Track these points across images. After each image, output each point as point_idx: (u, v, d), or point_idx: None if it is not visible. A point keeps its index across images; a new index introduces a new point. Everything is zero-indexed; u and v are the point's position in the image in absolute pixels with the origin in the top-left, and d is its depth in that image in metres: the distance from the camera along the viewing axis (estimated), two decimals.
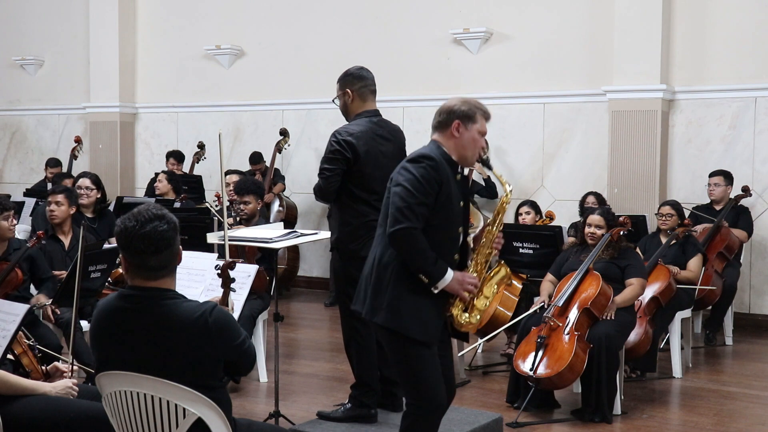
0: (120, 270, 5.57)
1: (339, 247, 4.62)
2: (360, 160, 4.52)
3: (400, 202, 3.39)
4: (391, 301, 3.44)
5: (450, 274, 3.43)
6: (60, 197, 5.89)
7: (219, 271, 3.48)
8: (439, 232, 3.46)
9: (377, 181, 4.46)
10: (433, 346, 3.49)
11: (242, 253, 6.07)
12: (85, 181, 6.70)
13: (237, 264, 3.79)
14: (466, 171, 4.01)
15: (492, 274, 3.63)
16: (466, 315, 3.53)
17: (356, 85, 4.66)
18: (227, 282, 3.47)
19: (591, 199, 7.45)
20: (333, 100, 4.83)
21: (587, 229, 5.63)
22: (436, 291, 3.43)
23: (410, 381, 3.51)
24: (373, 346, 4.61)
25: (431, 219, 3.43)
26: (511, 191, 3.72)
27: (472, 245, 3.65)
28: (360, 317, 3.64)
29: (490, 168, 3.76)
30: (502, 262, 3.72)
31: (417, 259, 3.39)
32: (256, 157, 9.45)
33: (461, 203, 3.58)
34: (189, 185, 9.08)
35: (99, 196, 6.75)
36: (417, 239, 3.37)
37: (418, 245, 3.38)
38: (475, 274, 3.56)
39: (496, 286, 3.62)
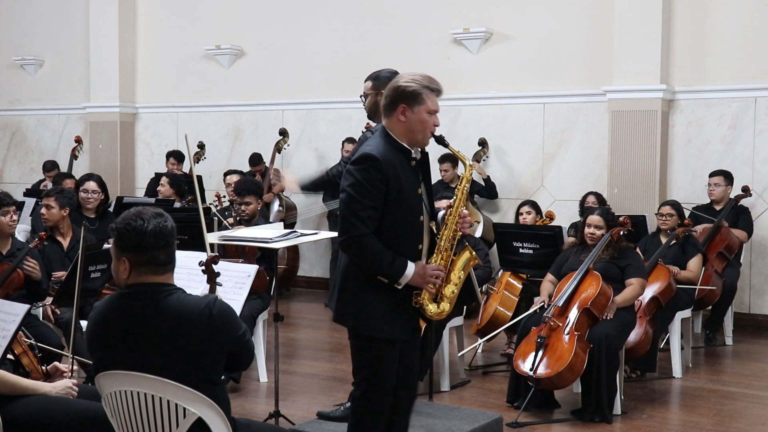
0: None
1: None
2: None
3: (345, 210, 3.35)
4: (356, 306, 3.44)
5: (410, 269, 3.37)
6: (51, 200, 5.85)
7: (203, 267, 3.48)
8: (398, 226, 3.40)
9: None
10: (397, 344, 3.48)
11: (242, 253, 6.06)
12: (92, 185, 6.71)
13: (234, 263, 3.79)
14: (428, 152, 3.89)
15: (457, 258, 3.55)
16: (435, 305, 3.49)
17: None
18: (212, 277, 3.48)
19: (591, 198, 7.45)
20: (360, 97, 4.84)
21: (587, 230, 5.63)
22: (399, 287, 3.40)
23: (364, 377, 3.51)
24: None
25: (387, 216, 3.37)
26: (471, 166, 3.64)
27: (435, 231, 3.56)
28: None
29: (445, 145, 3.60)
30: (467, 244, 3.64)
31: (371, 263, 3.36)
32: (255, 159, 9.45)
33: (419, 190, 3.48)
34: (189, 185, 9.07)
35: (103, 197, 6.77)
36: (367, 245, 3.33)
37: (369, 250, 3.34)
38: (441, 262, 3.49)
39: (462, 272, 3.55)
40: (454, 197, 3.57)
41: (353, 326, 3.50)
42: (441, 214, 3.61)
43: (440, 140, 3.58)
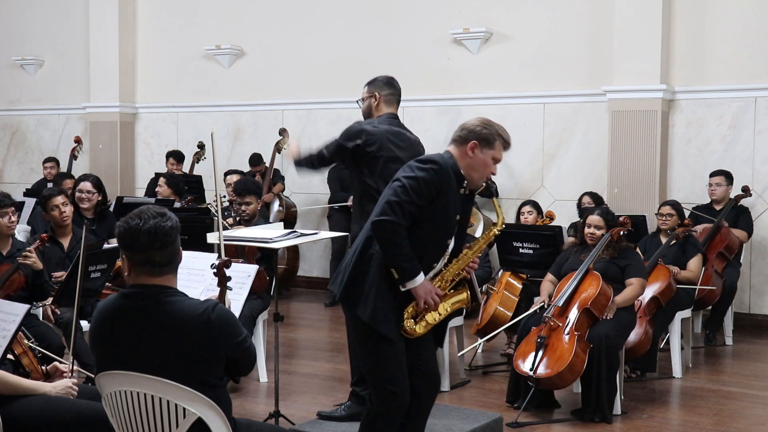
0: (119, 262, 5.57)
1: None
2: (374, 153, 4.58)
3: (392, 196, 3.45)
4: (368, 294, 3.48)
5: (421, 276, 3.48)
6: (64, 198, 5.91)
7: (215, 270, 3.49)
8: (427, 237, 3.51)
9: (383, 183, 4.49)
10: (396, 341, 3.51)
11: (242, 253, 6.06)
12: (87, 185, 6.71)
13: (234, 263, 3.79)
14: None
15: (453, 294, 3.65)
16: (412, 322, 3.55)
17: (385, 91, 4.84)
18: (223, 280, 3.48)
19: (586, 199, 7.46)
20: (357, 102, 4.98)
21: (586, 230, 5.63)
22: (403, 289, 3.47)
23: (375, 375, 3.55)
24: None
25: (423, 222, 3.47)
26: (504, 223, 3.75)
27: (446, 260, 3.66)
28: None
29: (491, 196, 3.80)
30: (466, 286, 3.72)
31: (393, 252, 3.44)
32: (255, 159, 9.45)
33: (458, 217, 3.60)
34: (189, 185, 9.08)
35: (100, 198, 6.76)
36: (398, 234, 3.42)
37: (397, 239, 3.42)
38: (439, 289, 3.58)
39: (450, 307, 3.63)
40: (476, 241, 3.71)
41: (364, 315, 3.49)
42: None
43: (489, 188, 3.74)
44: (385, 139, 4.64)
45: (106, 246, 5.57)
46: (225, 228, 6.35)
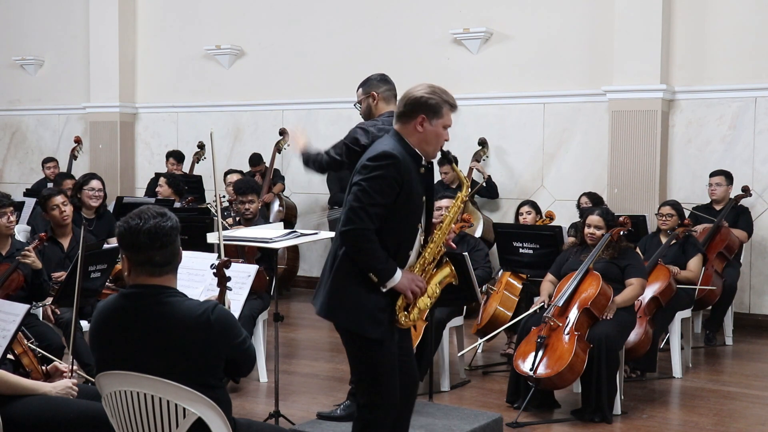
0: (119, 265, 5.58)
1: None
2: None
3: (355, 202, 3.37)
4: (347, 301, 3.45)
5: (399, 273, 3.41)
6: (64, 198, 5.92)
7: (215, 270, 3.48)
8: (398, 229, 3.44)
9: None
10: (388, 342, 3.48)
11: (242, 253, 6.06)
12: (97, 184, 6.78)
13: (234, 263, 3.79)
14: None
15: (436, 272, 3.59)
16: (405, 314, 3.52)
17: (381, 89, 4.77)
18: (223, 281, 3.48)
19: (584, 199, 7.45)
20: (355, 105, 4.91)
21: (586, 230, 5.62)
22: (384, 290, 3.43)
23: (367, 379, 3.52)
24: None
25: (392, 216, 3.40)
26: (468, 190, 3.68)
27: (422, 240, 3.60)
28: None
29: (450, 162, 3.67)
30: (447, 260, 3.66)
31: (367, 258, 3.38)
32: (255, 159, 9.45)
33: (423, 198, 3.53)
34: (189, 185, 9.08)
35: (103, 196, 6.82)
36: (368, 239, 3.35)
37: (369, 245, 3.36)
38: (421, 273, 3.53)
39: (438, 286, 3.59)
40: (446, 216, 3.62)
41: (344, 321, 3.49)
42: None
43: (446, 156, 3.62)
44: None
45: (106, 246, 5.57)
46: (225, 228, 6.35)
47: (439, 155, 3.58)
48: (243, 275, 5.14)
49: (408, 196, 3.41)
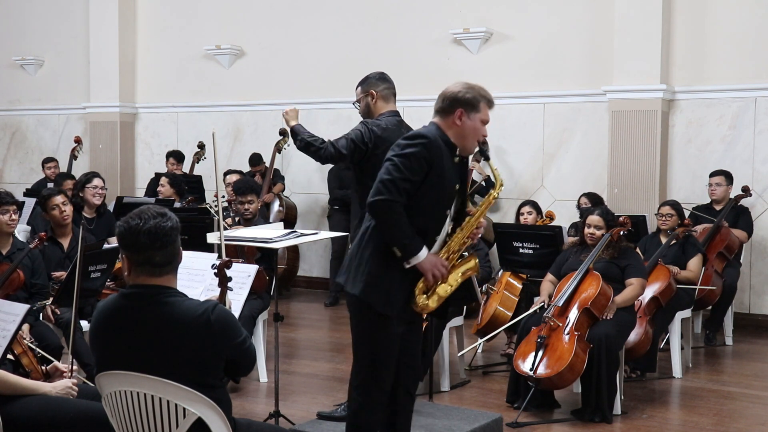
0: (120, 263, 5.58)
1: None
2: (378, 155, 4.56)
3: (385, 175, 3.43)
4: (368, 273, 3.48)
5: (424, 251, 3.45)
6: (64, 198, 5.92)
7: (216, 270, 3.49)
8: (427, 211, 3.49)
9: None
10: (398, 326, 3.51)
11: (242, 253, 6.06)
12: (99, 181, 6.84)
13: (235, 263, 3.80)
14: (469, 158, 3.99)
15: (461, 263, 3.62)
16: (424, 297, 3.54)
17: (380, 87, 4.77)
18: (224, 281, 3.48)
19: (583, 200, 7.44)
20: (354, 104, 4.92)
21: (586, 230, 5.62)
22: (407, 266, 3.45)
23: (364, 361, 3.56)
24: None
25: (421, 198, 3.45)
26: (502, 186, 3.73)
27: (449, 230, 3.63)
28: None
29: (486, 158, 3.74)
30: (473, 252, 3.71)
31: (393, 231, 3.42)
32: (255, 159, 9.45)
33: (456, 186, 3.58)
34: (189, 185, 9.08)
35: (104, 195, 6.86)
36: (395, 212, 3.40)
37: (395, 217, 3.40)
38: (445, 260, 3.56)
39: (461, 276, 3.61)
40: (477, 208, 3.67)
41: (360, 293, 3.49)
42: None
43: (483, 152, 3.72)
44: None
45: (106, 246, 5.57)
46: (225, 228, 6.35)
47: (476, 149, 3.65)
48: (243, 275, 5.14)
49: (438, 180, 3.47)
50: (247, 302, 5.28)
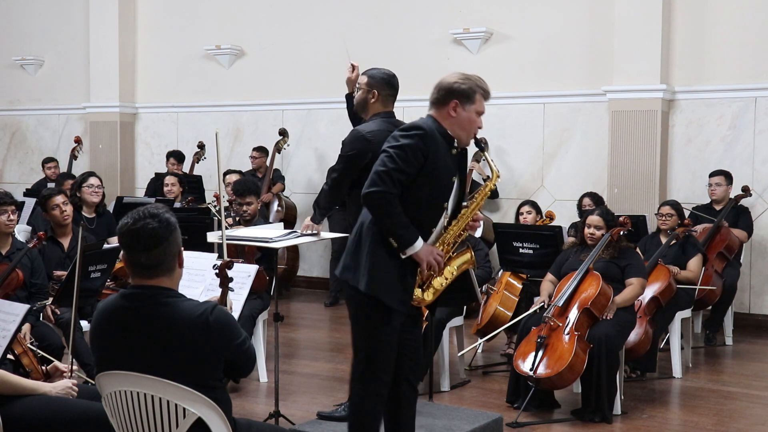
0: (120, 264, 5.59)
1: None
2: (375, 159, 4.55)
3: (380, 167, 3.45)
4: (366, 264, 3.48)
5: (420, 241, 3.46)
6: (64, 198, 5.93)
7: (217, 271, 3.48)
8: (423, 202, 3.50)
9: None
10: (399, 318, 3.51)
11: (242, 253, 6.06)
12: (96, 180, 6.83)
13: (236, 264, 3.80)
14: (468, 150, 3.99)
15: (457, 256, 3.63)
16: (419, 290, 3.55)
17: (385, 91, 4.76)
18: (225, 281, 3.47)
19: (586, 200, 7.43)
20: (354, 89, 4.92)
21: (586, 230, 5.62)
22: (403, 256, 3.46)
23: (363, 354, 3.56)
24: None
25: (417, 188, 3.46)
26: (498, 177, 3.74)
27: (445, 222, 3.64)
28: None
29: (482, 149, 3.75)
30: (469, 246, 3.71)
31: (388, 221, 3.43)
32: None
33: (453, 178, 3.58)
34: (189, 185, 9.09)
35: (103, 194, 6.85)
36: (390, 203, 3.41)
37: (389, 208, 3.42)
38: (441, 251, 3.56)
39: (456, 269, 3.61)
40: (473, 200, 3.67)
41: (366, 285, 3.49)
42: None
43: (479, 143, 3.70)
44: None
45: (106, 246, 5.57)
46: (225, 228, 6.35)
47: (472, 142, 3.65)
48: (243, 275, 5.14)
49: (433, 171, 3.46)
50: (247, 302, 5.28)
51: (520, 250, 6.39)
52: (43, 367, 3.83)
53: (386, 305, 3.48)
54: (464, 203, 3.72)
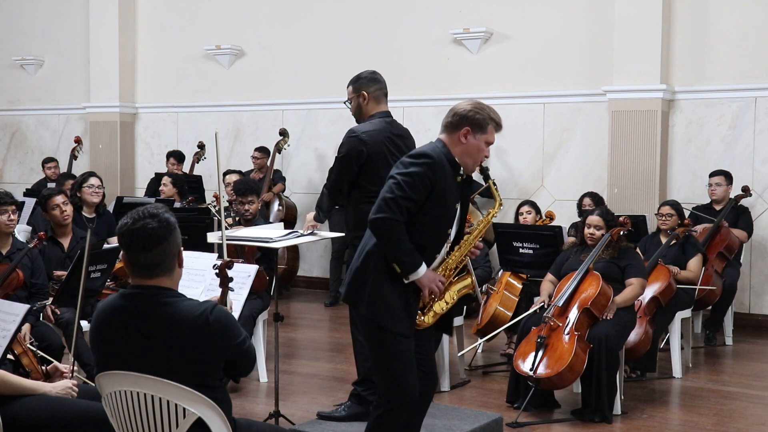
0: (120, 264, 5.59)
1: (356, 244, 4.63)
2: (373, 158, 4.56)
3: (387, 193, 3.48)
4: (371, 290, 3.51)
5: (423, 268, 3.49)
6: (64, 198, 5.93)
7: (217, 271, 3.48)
8: (428, 229, 3.53)
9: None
10: (410, 337, 3.54)
11: (242, 253, 6.06)
12: (96, 180, 6.84)
13: (236, 264, 3.80)
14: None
15: (457, 281, 3.68)
16: (420, 313, 3.59)
17: (371, 88, 4.76)
18: (225, 281, 3.48)
19: (587, 200, 7.43)
20: (345, 103, 4.93)
21: (586, 230, 5.62)
22: (406, 282, 3.49)
23: (383, 372, 3.57)
24: None
25: (423, 215, 3.49)
26: (501, 206, 3.80)
27: (448, 248, 3.68)
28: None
29: (486, 178, 3.79)
30: (469, 271, 3.75)
31: (393, 248, 3.46)
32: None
33: (457, 206, 3.62)
34: (189, 185, 9.09)
35: (103, 195, 6.85)
36: (396, 230, 3.45)
37: (395, 235, 3.45)
38: (443, 277, 3.61)
39: (456, 293, 3.66)
40: (475, 227, 3.73)
41: (366, 310, 3.53)
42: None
43: (484, 171, 3.75)
44: (383, 147, 4.61)
45: (106, 246, 5.57)
46: (226, 228, 6.35)
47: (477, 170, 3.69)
48: (243, 275, 5.14)
49: (440, 199, 3.51)
50: (247, 302, 5.28)
51: (520, 250, 6.39)
52: (43, 367, 3.83)
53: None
54: (467, 230, 3.75)
